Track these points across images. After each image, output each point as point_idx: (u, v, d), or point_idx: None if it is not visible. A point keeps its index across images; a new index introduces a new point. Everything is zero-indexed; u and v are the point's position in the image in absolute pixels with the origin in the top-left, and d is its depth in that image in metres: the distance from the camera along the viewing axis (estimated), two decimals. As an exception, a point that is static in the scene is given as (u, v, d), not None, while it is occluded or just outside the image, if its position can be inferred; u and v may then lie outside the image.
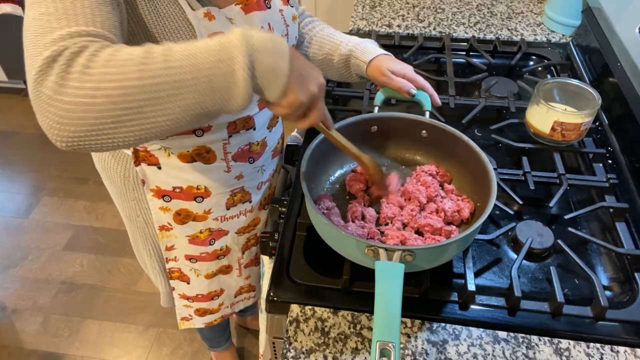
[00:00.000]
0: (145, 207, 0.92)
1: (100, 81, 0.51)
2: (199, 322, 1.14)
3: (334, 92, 1.17)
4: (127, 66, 0.51)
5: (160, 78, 0.52)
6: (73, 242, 2.11)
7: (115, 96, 0.51)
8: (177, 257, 1.00)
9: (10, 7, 2.25)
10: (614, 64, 1.10)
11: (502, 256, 0.83)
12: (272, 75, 0.56)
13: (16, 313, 1.87)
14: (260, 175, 0.95)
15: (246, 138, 0.86)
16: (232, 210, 0.95)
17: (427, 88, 0.91)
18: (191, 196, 0.89)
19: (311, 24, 1.01)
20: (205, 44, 0.54)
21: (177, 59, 0.53)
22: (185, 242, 0.96)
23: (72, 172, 2.40)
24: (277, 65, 0.56)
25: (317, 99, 0.62)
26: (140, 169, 0.85)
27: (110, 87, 0.51)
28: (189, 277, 1.04)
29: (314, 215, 0.74)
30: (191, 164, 0.84)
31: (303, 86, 0.59)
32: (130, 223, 1.01)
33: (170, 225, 0.93)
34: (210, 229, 0.96)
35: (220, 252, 1.01)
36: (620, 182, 0.93)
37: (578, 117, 0.94)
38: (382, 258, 0.65)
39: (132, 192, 0.92)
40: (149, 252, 1.02)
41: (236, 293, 1.14)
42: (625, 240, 0.83)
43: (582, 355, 0.70)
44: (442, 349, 0.71)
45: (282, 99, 0.58)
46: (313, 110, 0.63)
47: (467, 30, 1.41)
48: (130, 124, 0.52)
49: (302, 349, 0.71)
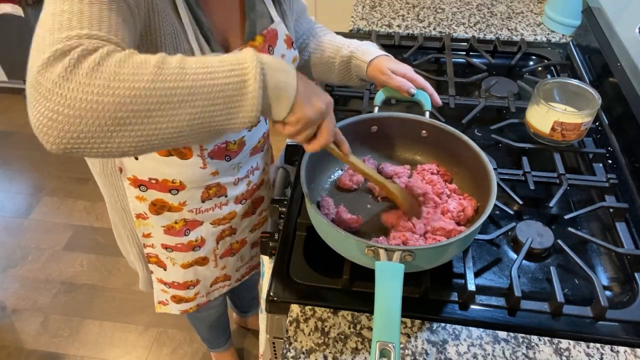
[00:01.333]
0: (123, 194, 0.93)
1: (112, 80, 0.49)
2: (175, 309, 1.16)
3: (334, 92, 1.17)
4: (142, 68, 0.51)
5: (174, 82, 0.51)
6: (73, 242, 2.11)
7: (125, 97, 0.49)
8: (154, 245, 1.02)
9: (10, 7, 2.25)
10: (614, 64, 1.10)
11: (502, 256, 0.83)
12: (281, 91, 0.57)
13: (16, 313, 1.87)
14: (237, 172, 0.96)
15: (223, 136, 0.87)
16: (207, 203, 0.96)
17: (427, 88, 0.91)
18: (166, 188, 0.90)
19: (314, 30, 1.03)
20: (219, 57, 0.55)
21: (191, 66, 0.53)
22: (161, 232, 0.98)
23: (72, 172, 2.40)
24: (285, 82, 0.57)
25: (325, 115, 0.63)
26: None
27: (122, 86, 0.49)
28: (166, 264, 1.06)
29: (314, 215, 0.74)
30: (167, 157, 0.84)
31: (310, 102, 0.60)
32: (110, 208, 1.03)
33: (146, 214, 0.95)
34: (185, 220, 0.97)
35: (196, 243, 1.02)
36: (620, 182, 0.93)
37: (578, 117, 0.94)
38: (382, 258, 0.65)
39: (111, 178, 0.93)
40: (127, 237, 1.04)
41: (212, 283, 1.15)
42: (625, 240, 0.83)
43: (582, 355, 0.70)
44: (442, 349, 0.71)
45: (290, 116, 0.59)
46: (322, 130, 0.64)
47: (467, 30, 1.41)
48: (131, 129, 0.51)
49: (302, 349, 0.71)
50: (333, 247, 0.74)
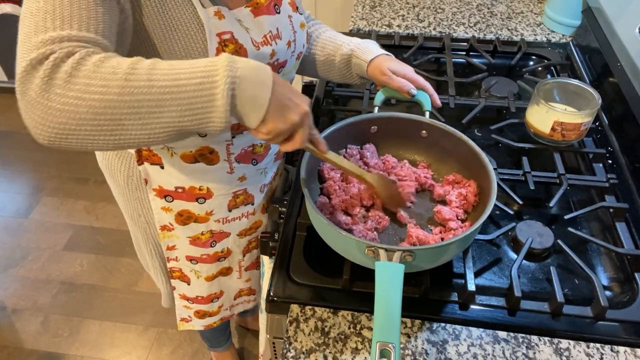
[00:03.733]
0: (148, 206, 0.92)
1: (83, 92, 0.53)
2: (198, 325, 1.14)
3: (334, 92, 1.17)
4: (111, 80, 0.54)
5: (141, 95, 0.54)
6: (73, 242, 2.11)
7: (97, 107, 0.53)
8: (178, 258, 1.00)
9: (10, 7, 2.25)
10: (614, 64, 1.10)
11: (502, 256, 0.83)
12: (251, 105, 0.58)
13: (16, 313, 1.87)
14: (263, 177, 0.95)
15: (249, 139, 0.86)
16: (234, 212, 0.95)
17: (427, 88, 0.91)
18: (193, 197, 0.89)
19: (314, 26, 1.01)
20: (191, 65, 0.56)
21: (160, 78, 0.55)
22: (186, 243, 0.96)
23: (72, 172, 2.40)
24: (257, 96, 0.58)
25: (297, 128, 0.63)
26: (143, 168, 0.85)
27: (93, 98, 0.53)
28: (189, 277, 1.04)
29: (314, 215, 0.74)
30: (194, 164, 0.84)
31: (283, 116, 0.61)
32: (132, 223, 1.01)
33: (172, 225, 0.93)
34: (212, 231, 0.95)
35: (222, 254, 1.01)
36: (620, 182, 0.93)
37: (578, 117, 0.94)
38: (382, 258, 0.65)
39: (135, 192, 0.92)
40: (150, 252, 1.02)
41: (235, 295, 1.14)
42: (625, 240, 0.83)
43: (582, 355, 0.70)
44: (442, 349, 0.71)
45: (261, 127, 0.60)
46: (295, 136, 0.64)
47: (467, 30, 1.41)
48: (110, 133, 0.55)
49: (302, 349, 0.71)
50: (333, 247, 0.74)
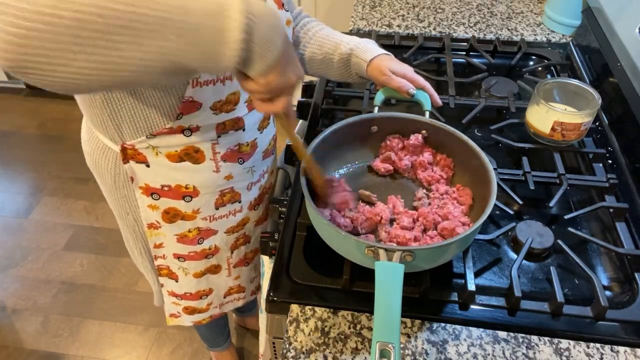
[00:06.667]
0: (135, 204, 0.92)
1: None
2: (187, 320, 1.14)
3: (334, 92, 1.17)
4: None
5: (143, 9, 0.46)
6: (73, 242, 2.11)
7: (84, 12, 0.45)
8: (165, 255, 1.00)
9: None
10: (614, 64, 1.10)
11: (502, 256, 0.83)
12: (265, 48, 0.52)
13: (16, 313, 1.87)
14: (250, 176, 0.95)
15: (235, 139, 0.86)
16: (221, 210, 0.95)
17: (427, 88, 0.91)
18: (180, 195, 0.88)
19: (309, 24, 1.00)
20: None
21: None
22: (173, 240, 0.96)
23: (72, 172, 2.40)
24: (272, 40, 0.53)
25: (291, 88, 0.59)
26: (129, 167, 0.85)
27: (83, 2, 0.45)
28: (177, 275, 1.04)
29: (314, 215, 0.74)
30: (179, 163, 0.83)
31: (285, 71, 0.57)
32: (121, 221, 1.01)
33: (159, 223, 0.93)
34: (199, 229, 0.95)
35: (209, 251, 1.01)
36: (620, 182, 0.93)
37: (578, 117, 0.94)
38: (382, 258, 0.64)
39: (122, 190, 0.91)
40: (140, 251, 1.02)
41: (225, 294, 1.14)
42: (625, 240, 0.83)
43: (582, 355, 0.70)
44: (442, 349, 0.71)
45: (261, 77, 0.55)
46: (281, 99, 0.60)
47: (467, 30, 1.41)
48: (91, 51, 0.46)
49: (302, 349, 0.71)
50: (333, 247, 0.74)
